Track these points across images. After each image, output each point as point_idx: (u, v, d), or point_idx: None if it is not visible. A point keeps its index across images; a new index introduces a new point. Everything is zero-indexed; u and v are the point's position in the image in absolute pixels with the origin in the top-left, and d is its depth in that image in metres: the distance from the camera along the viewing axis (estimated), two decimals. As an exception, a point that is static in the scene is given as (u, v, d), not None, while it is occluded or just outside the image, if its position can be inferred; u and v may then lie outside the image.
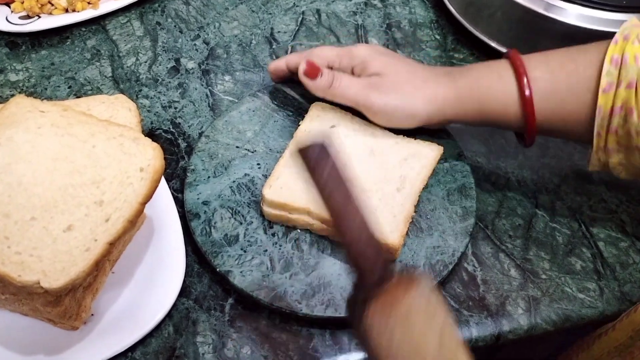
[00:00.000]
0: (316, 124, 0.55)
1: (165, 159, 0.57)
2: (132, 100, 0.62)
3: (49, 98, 0.62)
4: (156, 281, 0.48)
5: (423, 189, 0.53)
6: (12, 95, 0.62)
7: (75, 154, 0.44)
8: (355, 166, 0.52)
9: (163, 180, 0.53)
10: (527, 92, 0.48)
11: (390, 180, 0.52)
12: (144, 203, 0.43)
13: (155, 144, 0.45)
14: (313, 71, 0.53)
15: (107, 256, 0.42)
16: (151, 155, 0.44)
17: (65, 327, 0.45)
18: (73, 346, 0.45)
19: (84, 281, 0.40)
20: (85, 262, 0.39)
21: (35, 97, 0.48)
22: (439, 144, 0.55)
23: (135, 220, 0.42)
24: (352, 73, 0.55)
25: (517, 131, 0.53)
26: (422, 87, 0.52)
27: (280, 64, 0.59)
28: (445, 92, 0.51)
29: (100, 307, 0.47)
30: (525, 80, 0.48)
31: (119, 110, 0.49)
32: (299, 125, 0.56)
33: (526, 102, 0.48)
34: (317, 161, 0.35)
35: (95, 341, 0.45)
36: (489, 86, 0.50)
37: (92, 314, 0.47)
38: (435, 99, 0.52)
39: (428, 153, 0.54)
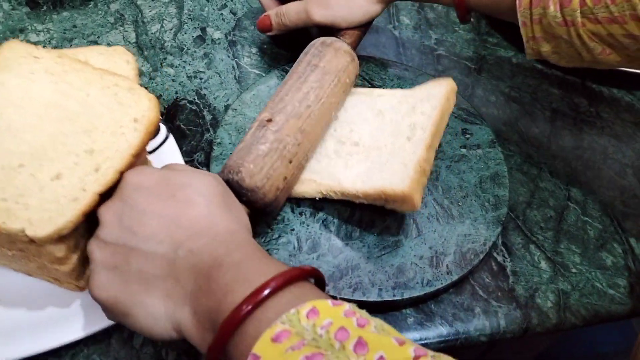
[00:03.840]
0: None
1: (189, 130, 0.56)
2: (157, 68, 0.60)
3: (71, 61, 0.60)
4: None
5: (447, 163, 0.52)
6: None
7: (68, 101, 0.42)
8: (366, 131, 0.51)
9: (175, 145, 0.52)
10: None
11: (400, 132, 0.50)
12: (136, 155, 0.41)
13: (151, 95, 0.43)
14: (264, 24, 0.59)
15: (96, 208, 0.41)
16: (146, 106, 0.43)
17: (71, 288, 0.44)
18: (78, 307, 0.44)
19: (70, 232, 0.39)
20: (72, 212, 0.38)
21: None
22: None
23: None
24: None
25: (449, 6, 0.56)
26: None
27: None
28: None
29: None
30: None
31: (117, 62, 0.47)
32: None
33: None
34: None
35: None
36: None
37: None
38: None
39: (437, 92, 0.51)
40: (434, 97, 0.50)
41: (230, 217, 0.36)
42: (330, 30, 0.57)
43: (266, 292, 0.30)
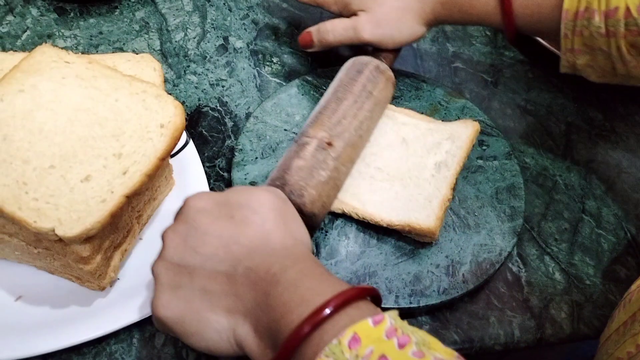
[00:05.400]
0: None
1: (212, 136, 0.57)
2: (180, 75, 0.62)
3: (97, 67, 0.61)
4: None
5: (464, 174, 0.53)
6: (61, 62, 0.61)
7: (97, 106, 0.44)
8: (389, 157, 0.52)
9: (194, 149, 0.53)
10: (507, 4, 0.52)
11: (425, 166, 0.52)
12: (162, 159, 0.43)
13: (177, 102, 0.45)
14: (305, 41, 0.58)
15: (124, 210, 0.42)
16: (172, 112, 0.44)
17: (93, 287, 0.45)
18: (99, 306, 0.45)
19: (99, 232, 0.40)
20: (100, 213, 0.39)
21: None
22: (478, 124, 0.55)
23: (153, 175, 0.42)
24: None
25: (498, 30, 0.57)
26: (410, 10, 0.54)
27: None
28: (433, 8, 0.55)
29: (126, 273, 0.47)
30: None
31: (143, 69, 0.49)
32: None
33: (505, 12, 0.52)
34: None
35: (121, 304, 0.45)
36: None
37: (118, 279, 0.47)
38: (425, 17, 0.55)
39: (462, 132, 0.54)
40: (459, 138, 0.53)
41: (285, 232, 0.36)
42: (359, 47, 0.58)
43: (324, 314, 0.30)
